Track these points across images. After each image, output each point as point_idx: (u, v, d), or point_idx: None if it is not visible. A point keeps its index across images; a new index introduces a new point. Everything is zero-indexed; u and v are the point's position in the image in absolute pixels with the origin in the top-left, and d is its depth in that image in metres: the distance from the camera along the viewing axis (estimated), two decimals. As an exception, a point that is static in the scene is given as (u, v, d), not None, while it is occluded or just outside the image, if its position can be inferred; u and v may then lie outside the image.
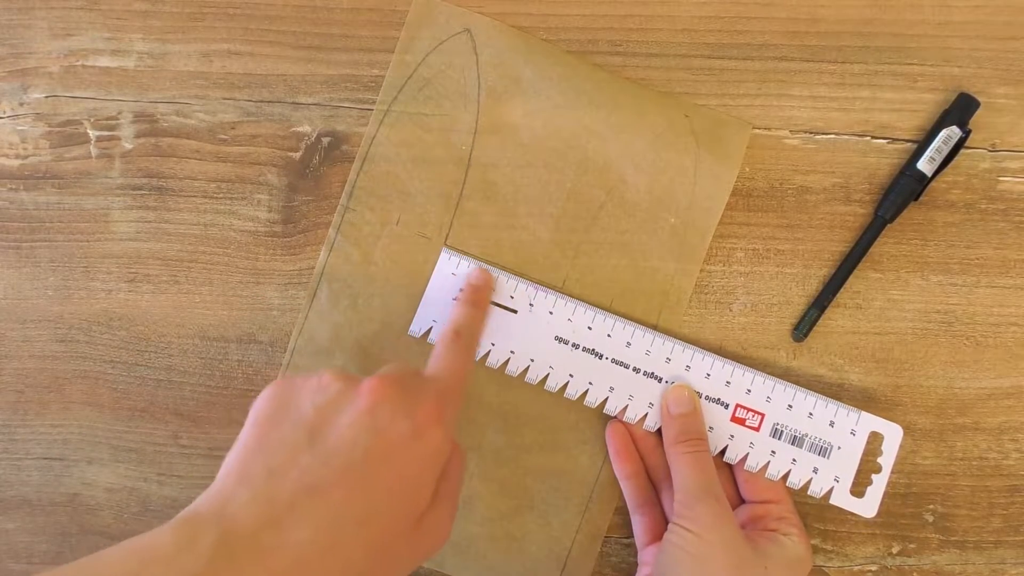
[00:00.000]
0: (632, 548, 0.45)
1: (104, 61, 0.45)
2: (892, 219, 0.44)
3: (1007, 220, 0.45)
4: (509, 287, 0.44)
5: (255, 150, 0.45)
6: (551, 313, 0.44)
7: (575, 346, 0.44)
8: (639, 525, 0.44)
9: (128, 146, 0.45)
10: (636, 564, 0.45)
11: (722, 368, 0.43)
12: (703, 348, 0.44)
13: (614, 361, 0.44)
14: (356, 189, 0.45)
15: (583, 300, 0.44)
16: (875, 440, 0.43)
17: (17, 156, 0.46)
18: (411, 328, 0.44)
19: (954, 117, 0.43)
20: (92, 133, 0.45)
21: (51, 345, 0.46)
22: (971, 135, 0.44)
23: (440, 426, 0.34)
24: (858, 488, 0.43)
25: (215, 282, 0.46)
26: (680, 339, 0.44)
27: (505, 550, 0.45)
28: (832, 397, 0.44)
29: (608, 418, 0.44)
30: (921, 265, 0.45)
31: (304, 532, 0.30)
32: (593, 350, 0.44)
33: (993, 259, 0.45)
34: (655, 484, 0.45)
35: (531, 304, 0.44)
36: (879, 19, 0.45)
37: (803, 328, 0.44)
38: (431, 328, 0.44)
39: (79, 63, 0.45)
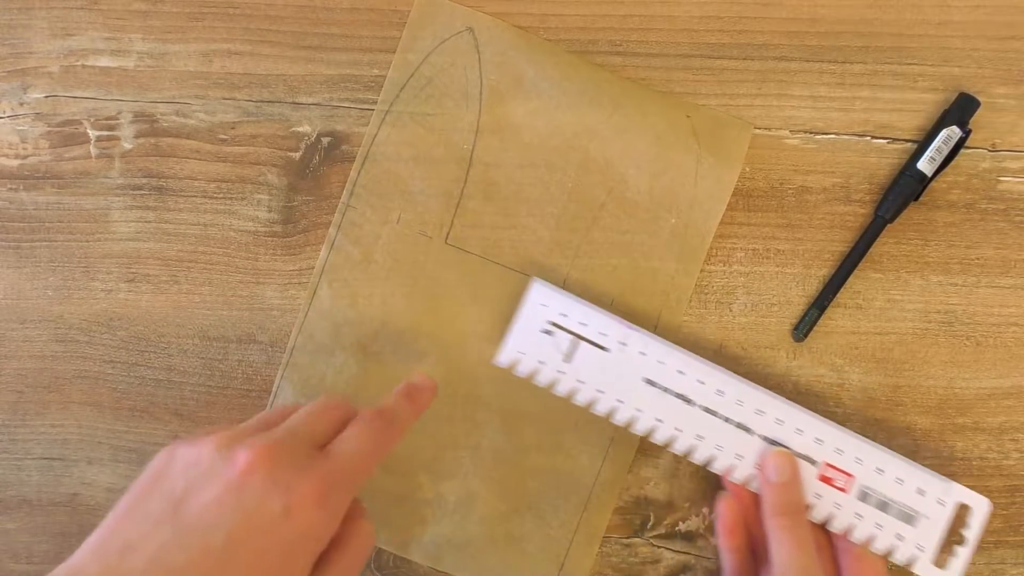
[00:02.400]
0: (632, 548, 0.45)
1: (104, 61, 0.45)
2: (892, 219, 0.44)
3: (1007, 220, 0.45)
4: (600, 324, 0.42)
5: (255, 150, 0.45)
6: (643, 354, 0.42)
7: (665, 390, 0.42)
8: None
9: (128, 146, 0.45)
10: (636, 564, 0.45)
11: (814, 425, 0.42)
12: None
13: (704, 409, 0.42)
14: (357, 187, 0.45)
15: (584, 299, 0.44)
16: (962, 511, 0.42)
17: (17, 156, 0.46)
18: (498, 359, 0.43)
19: (954, 117, 0.43)
20: (92, 133, 0.45)
21: (51, 345, 0.46)
22: (971, 135, 0.44)
23: (319, 508, 0.32)
24: (941, 557, 0.42)
25: (215, 282, 0.46)
26: (772, 391, 0.43)
27: (503, 550, 0.45)
28: (832, 397, 0.44)
29: (609, 426, 0.44)
30: (921, 265, 0.45)
31: None
32: (683, 396, 0.42)
33: (993, 259, 0.45)
34: (756, 555, 0.43)
35: (623, 343, 0.42)
36: (879, 19, 0.45)
37: (803, 328, 0.44)
38: (519, 361, 0.43)
39: (79, 63, 0.45)
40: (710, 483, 0.45)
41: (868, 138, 0.45)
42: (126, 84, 0.45)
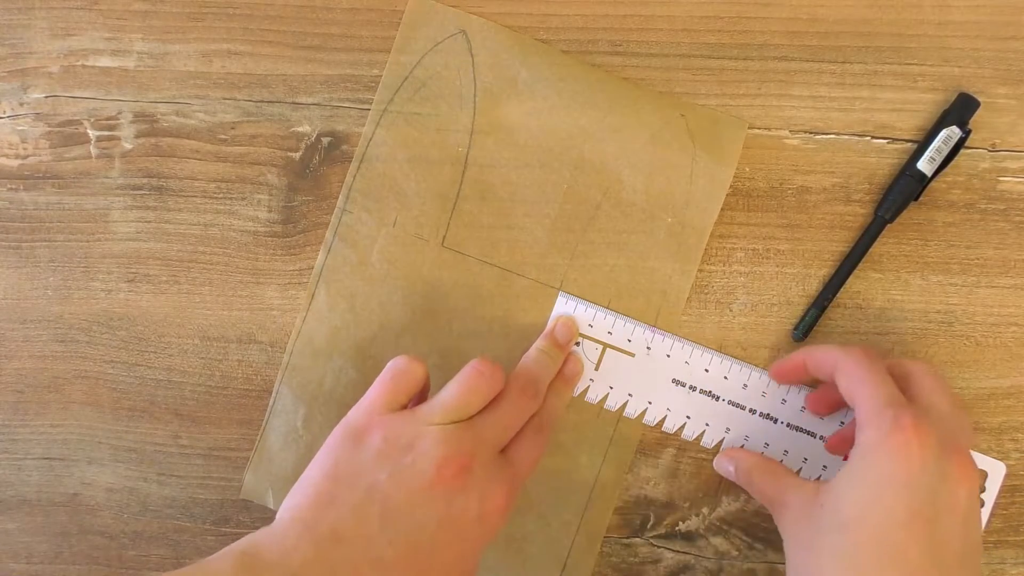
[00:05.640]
0: (632, 548, 0.45)
1: (104, 61, 0.46)
2: (892, 219, 0.44)
3: (1007, 220, 0.45)
4: (627, 331, 0.44)
5: (255, 150, 0.45)
6: (668, 356, 0.44)
7: (692, 388, 0.44)
8: None
9: (128, 146, 0.46)
10: (636, 564, 0.45)
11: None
12: (704, 345, 0.44)
13: (731, 403, 0.44)
14: (352, 191, 0.45)
15: (583, 299, 0.44)
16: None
17: (17, 156, 0.46)
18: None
19: (954, 117, 0.43)
20: (92, 133, 0.46)
21: (51, 345, 0.46)
22: (971, 135, 0.44)
23: (503, 515, 0.36)
24: None
25: (215, 282, 0.46)
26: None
27: (504, 550, 0.45)
28: (832, 397, 0.44)
29: (608, 426, 0.44)
30: (921, 265, 0.45)
31: None
32: (710, 392, 0.44)
33: (993, 259, 0.45)
34: None
35: (648, 348, 0.44)
36: (879, 19, 0.45)
37: (803, 328, 0.44)
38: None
39: (79, 63, 0.45)
40: (710, 483, 0.45)
41: (868, 138, 0.45)
42: (126, 84, 0.46)
